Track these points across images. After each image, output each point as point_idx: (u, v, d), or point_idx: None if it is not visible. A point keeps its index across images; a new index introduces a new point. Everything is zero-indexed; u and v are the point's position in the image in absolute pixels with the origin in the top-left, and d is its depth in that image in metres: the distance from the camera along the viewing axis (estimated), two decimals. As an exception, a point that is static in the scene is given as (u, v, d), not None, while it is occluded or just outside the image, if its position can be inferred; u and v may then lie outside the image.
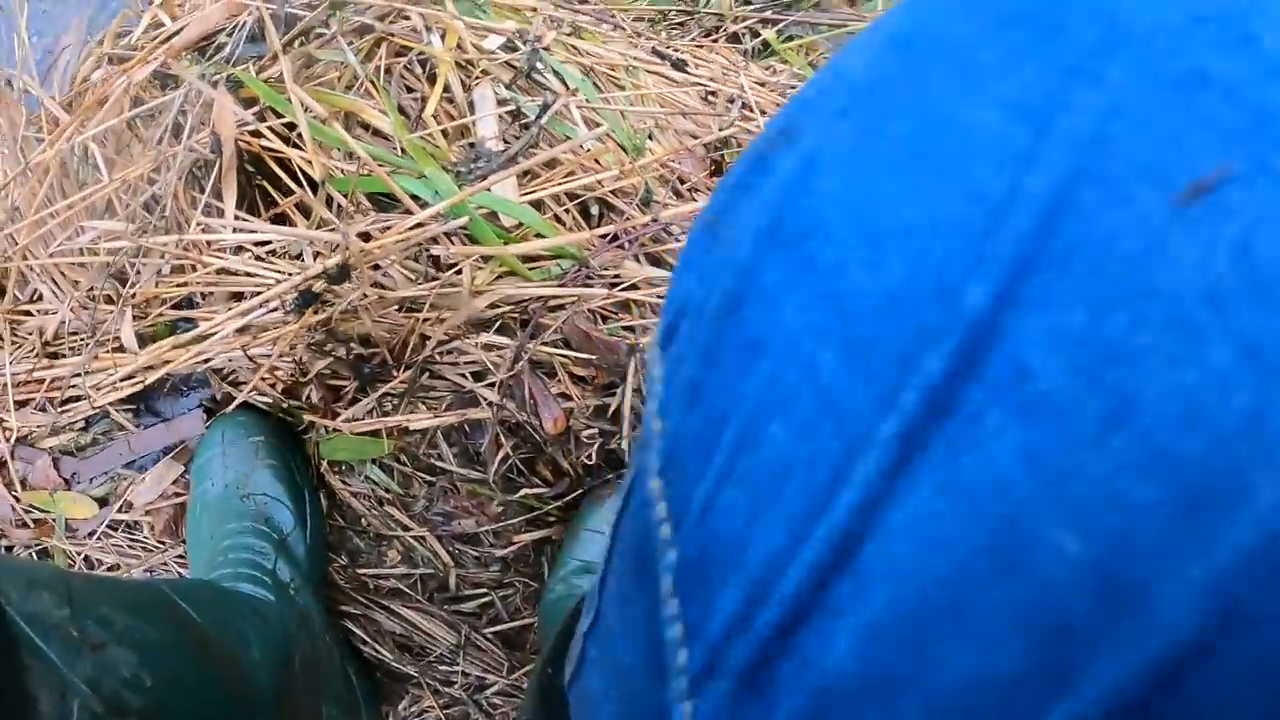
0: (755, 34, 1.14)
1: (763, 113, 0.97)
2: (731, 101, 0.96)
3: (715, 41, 1.10)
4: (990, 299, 0.14)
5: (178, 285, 1.02)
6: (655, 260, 0.89)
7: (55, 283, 1.11)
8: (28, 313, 1.12)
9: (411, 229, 0.79)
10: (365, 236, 0.83)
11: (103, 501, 1.08)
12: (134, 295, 1.04)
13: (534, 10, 0.93)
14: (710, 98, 0.95)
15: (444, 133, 0.86)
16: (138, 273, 1.07)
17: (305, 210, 1.01)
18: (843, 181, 0.17)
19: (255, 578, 0.86)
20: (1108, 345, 0.13)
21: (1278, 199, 0.13)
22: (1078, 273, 0.14)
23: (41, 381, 1.07)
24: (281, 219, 1.02)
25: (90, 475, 1.09)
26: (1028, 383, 0.14)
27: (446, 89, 0.87)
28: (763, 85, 1.01)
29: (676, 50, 0.98)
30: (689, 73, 0.94)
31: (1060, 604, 0.14)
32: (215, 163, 1.00)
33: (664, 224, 0.88)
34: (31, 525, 1.07)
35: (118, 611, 0.59)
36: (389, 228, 0.81)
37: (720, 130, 0.93)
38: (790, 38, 1.15)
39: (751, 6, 1.17)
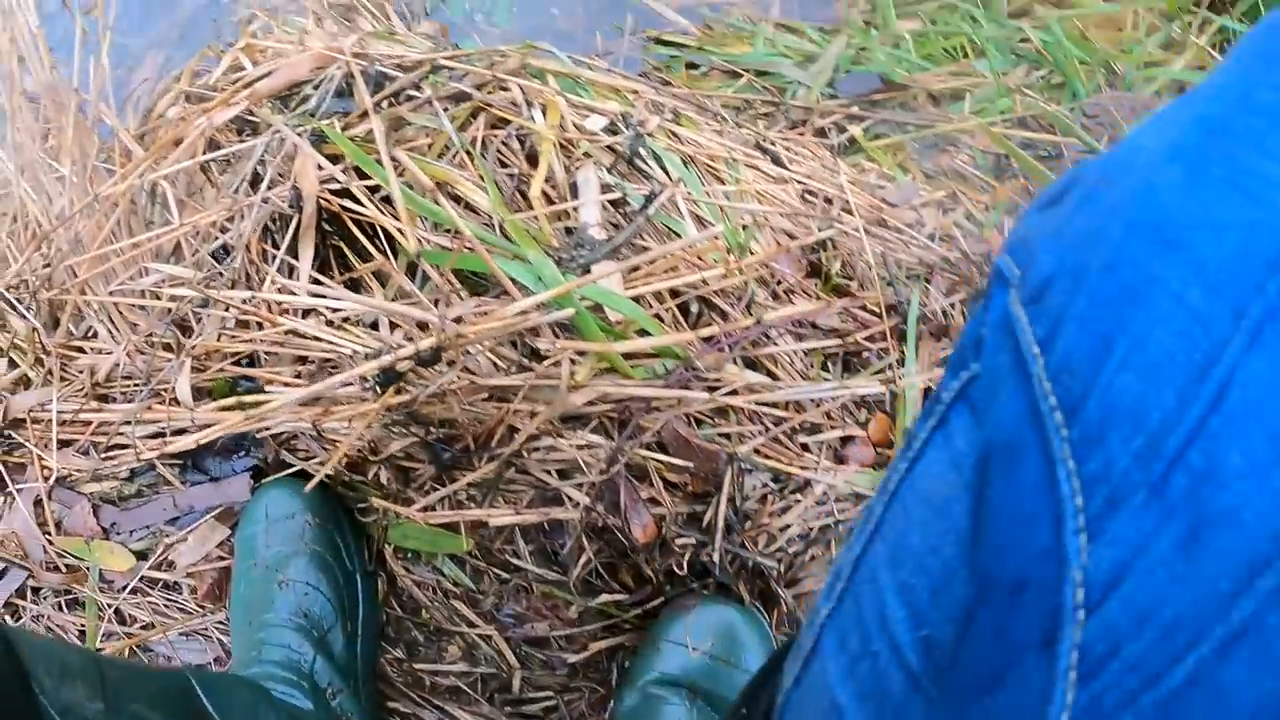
0: (842, 129, 1.13)
1: (860, 215, 0.95)
2: (829, 202, 0.94)
3: (802, 134, 1.09)
4: None
5: (242, 341, 0.99)
6: (752, 364, 0.87)
7: (112, 322, 1.07)
8: (80, 349, 1.09)
9: (514, 317, 0.77)
10: (457, 319, 0.80)
11: (141, 556, 1.04)
12: (194, 347, 1.00)
13: (635, 93, 0.92)
14: (808, 196, 0.94)
15: (544, 200, 0.84)
16: (200, 323, 1.04)
17: (380, 276, 0.98)
18: (1184, 196, 0.26)
19: (291, 680, 0.81)
20: None
21: None
22: None
23: (88, 424, 1.03)
24: (355, 282, 0.99)
25: (130, 527, 1.04)
26: None
27: (549, 169, 0.85)
28: (855, 183, 1.00)
29: (774, 143, 0.96)
30: (788, 169, 0.93)
31: None
32: (292, 218, 0.98)
33: (766, 327, 0.86)
34: (63, 570, 1.02)
35: (150, 710, 0.59)
36: (487, 312, 0.79)
37: (820, 232, 0.91)
38: (877, 136, 1.15)
39: (838, 101, 1.17)
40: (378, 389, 0.84)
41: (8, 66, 1.28)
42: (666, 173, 0.86)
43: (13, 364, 1.08)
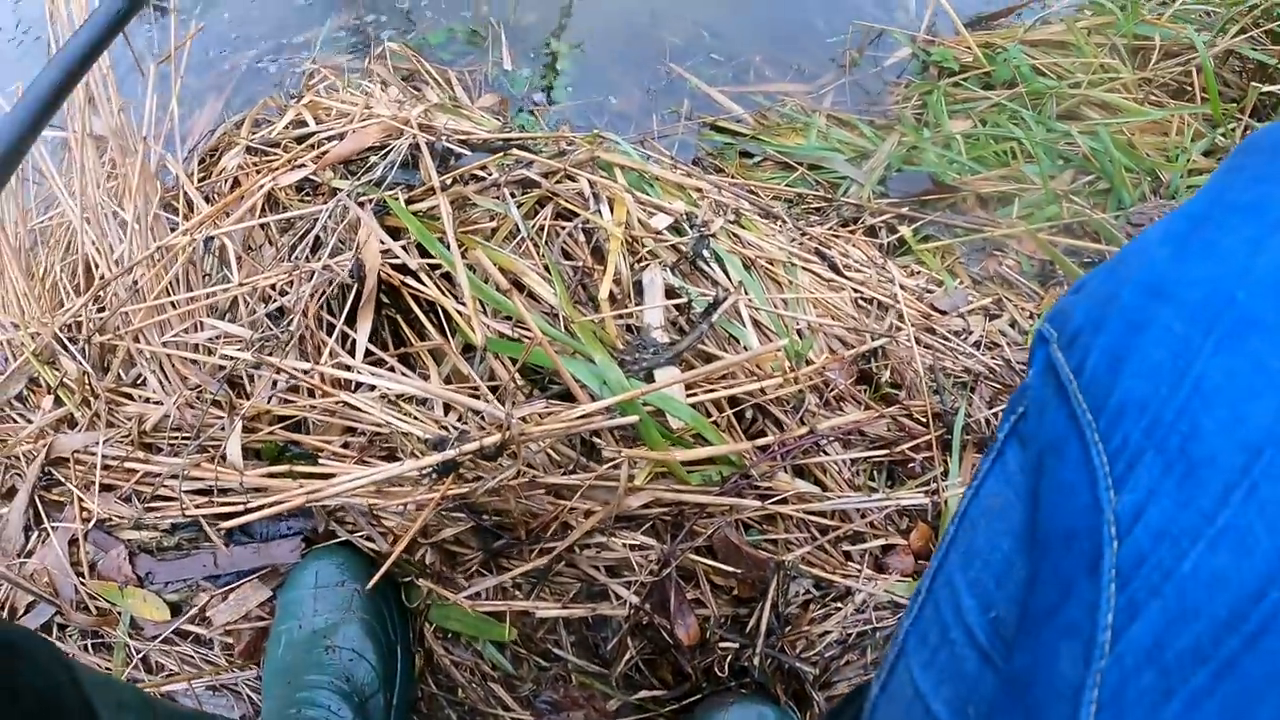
0: (893, 229, 1.15)
1: (911, 323, 0.97)
2: (882, 308, 0.96)
3: (853, 232, 1.11)
4: None
5: (294, 407, 1.00)
6: (802, 472, 0.88)
7: (163, 371, 1.08)
8: (129, 396, 1.09)
9: (578, 419, 0.78)
10: (523, 417, 0.81)
11: (175, 608, 1.04)
12: (246, 408, 1.01)
13: (699, 191, 0.94)
14: (862, 302, 0.95)
15: (612, 300, 0.85)
16: (252, 383, 1.05)
17: (435, 354, 0.99)
18: (1171, 264, 0.38)
19: (329, 740, 0.82)
20: None
21: None
22: None
23: (132, 472, 1.04)
24: (408, 356, 1.00)
25: (167, 579, 1.04)
26: None
27: (616, 268, 0.86)
28: (905, 289, 1.02)
29: (830, 247, 0.98)
30: (844, 275, 0.95)
31: None
32: (352, 287, 0.99)
33: (818, 436, 0.87)
34: (94, 612, 1.03)
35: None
36: (552, 412, 0.80)
37: (873, 340, 0.93)
38: (926, 237, 1.16)
39: (889, 199, 1.19)
40: (435, 475, 0.86)
41: (77, 106, 1.30)
42: (728, 275, 0.88)
43: (59, 402, 1.09)
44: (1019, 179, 1.29)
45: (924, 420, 0.97)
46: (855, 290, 0.96)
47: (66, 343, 1.15)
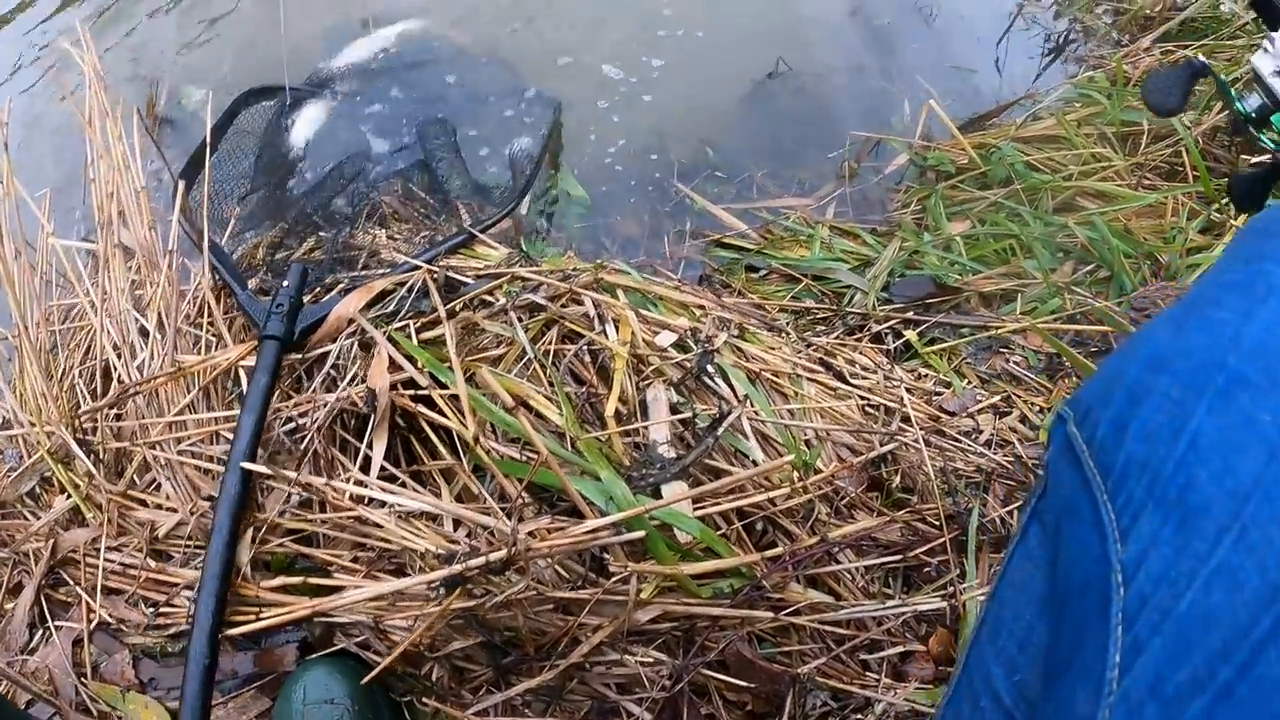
0: (898, 334, 1.17)
1: (919, 427, 0.98)
2: (889, 413, 0.97)
3: (860, 340, 1.13)
4: None
5: (305, 521, 1.01)
6: (815, 582, 0.88)
7: (176, 479, 1.09)
8: (142, 502, 1.10)
9: (585, 535, 0.79)
10: (531, 533, 0.82)
11: (176, 715, 1.03)
12: (258, 519, 1.02)
13: (702, 308, 0.96)
14: (869, 409, 0.96)
15: (618, 420, 0.87)
16: (265, 495, 1.06)
17: (447, 473, 1.00)
18: (1170, 340, 0.44)
19: None
20: None
21: None
22: None
23: (138, 577, 1.03)
24: (420, 474, 1.02)
25: (169, 685, 1.03)
26: None
27: (621, 386, 0.88)
28: (912, 392, 1.03)
29: (833, 354, 1.00)
30: (849, 383, 0.96)
31: None
32: (365, 412, 1.01)
33: (830, 546, 0.87)
34: (94, 715, 1.01)
35: None
36: (559, 528, 0.81)
37: (881, 446, 0.93)
38: (932, 340, 1.18)
39: (893, 305, 1.21)
40: (444, 590, 0.86)
41: (108, 216, 1.34)
42: (733, 389, 0.89)
43: (68, 497, 1.10)
44: (1020, 275, 1.31)
45: (937, 523, 0.97)
46: (862, 398, 0.97)
47: (82, 444, 1.16)
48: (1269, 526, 0.36)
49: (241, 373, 1.11)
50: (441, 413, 0.93)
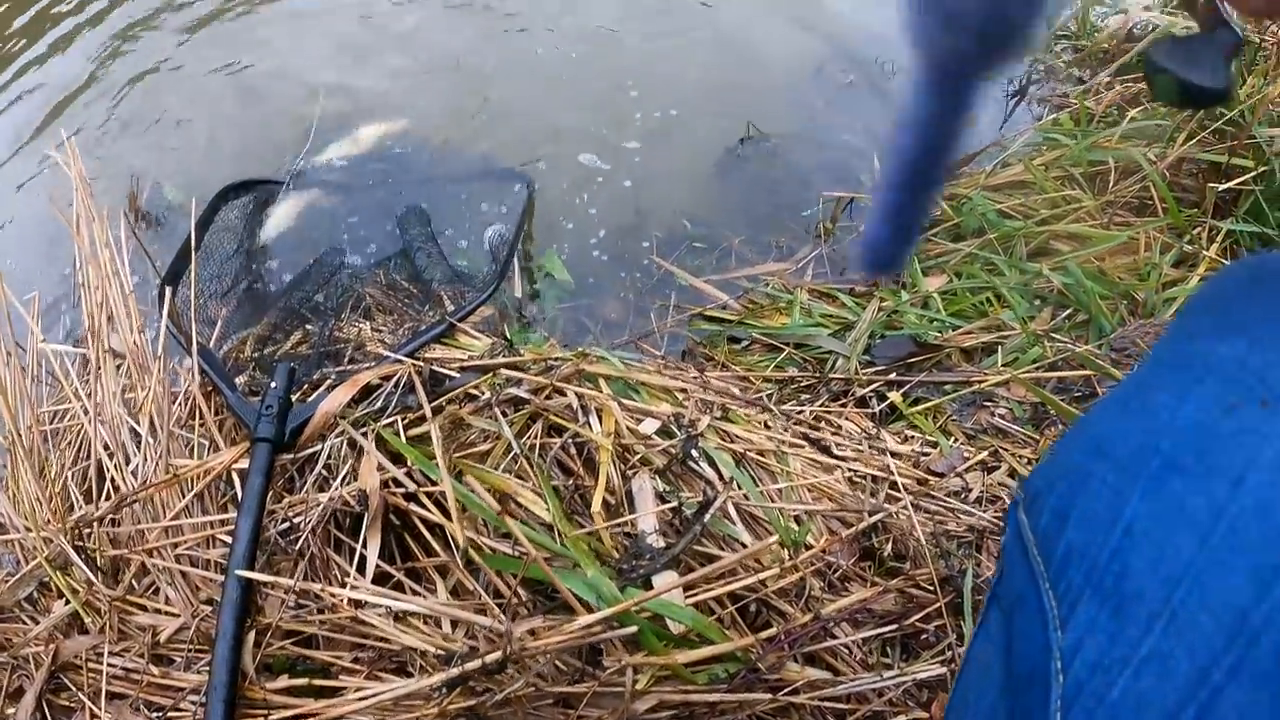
0: (882, 397, 1.18)
1: (907, 492, 0.98)
2: (876, 482, 0.97)
3: (844, 406, 1.14)
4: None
5: (303, 622, 1.01)
6: (812, 659, 0.88)
7: (174, 583, 1.09)
8: (141, 606, 1.10)
9: (578, 631, 0.79)
10: (529, 631, 0.82)
11: (179, 821, 1.01)
12: (260, 622, 1.02)
13: (684, 392, 0.97)
14: (856, 479, 0.97)
15: (603, 515, 0.88)
16: (264, 598, 1.06)
17: (442, 570, 1.01)
18: (1112, 424, 0.46)
19: None
20: None
21: None
22: None
23: (140, 682, 1.03)
24: (416, 571, 1.02)
25: (180, 792, 1.02)
26: None
27: (607, 477, 0.89)
28: (899, 456, 1.04)
29: (819, 424, 1.01)
30: (835, 455, 0.97)
31: None
32: (360, 512, 1.02)
33: (824, 622, 0.87)
34: None
35: None
36: (552, 626, 0.81)
37: (870, 517, 0.94)
38: (916, 400, 1.19)
39: (875, 367, 1.22)
40: (444, 691, 0.86)
41: (97, 322, 1.36)
42: (719, 472, 0.90)
43: (67, 602, 1.10)
44: (999, 326, 1.33)
45: (931, 588, 0.97)
46: (848, 469, 0.98)
47: (80, 551, 1.15)
48: (1198, 612, 0.37)
49: (235, 475, 1.12)
50: (432, 510, 0.93)
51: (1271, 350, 0.43)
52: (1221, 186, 1.49)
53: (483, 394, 1.00)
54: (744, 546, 0.85)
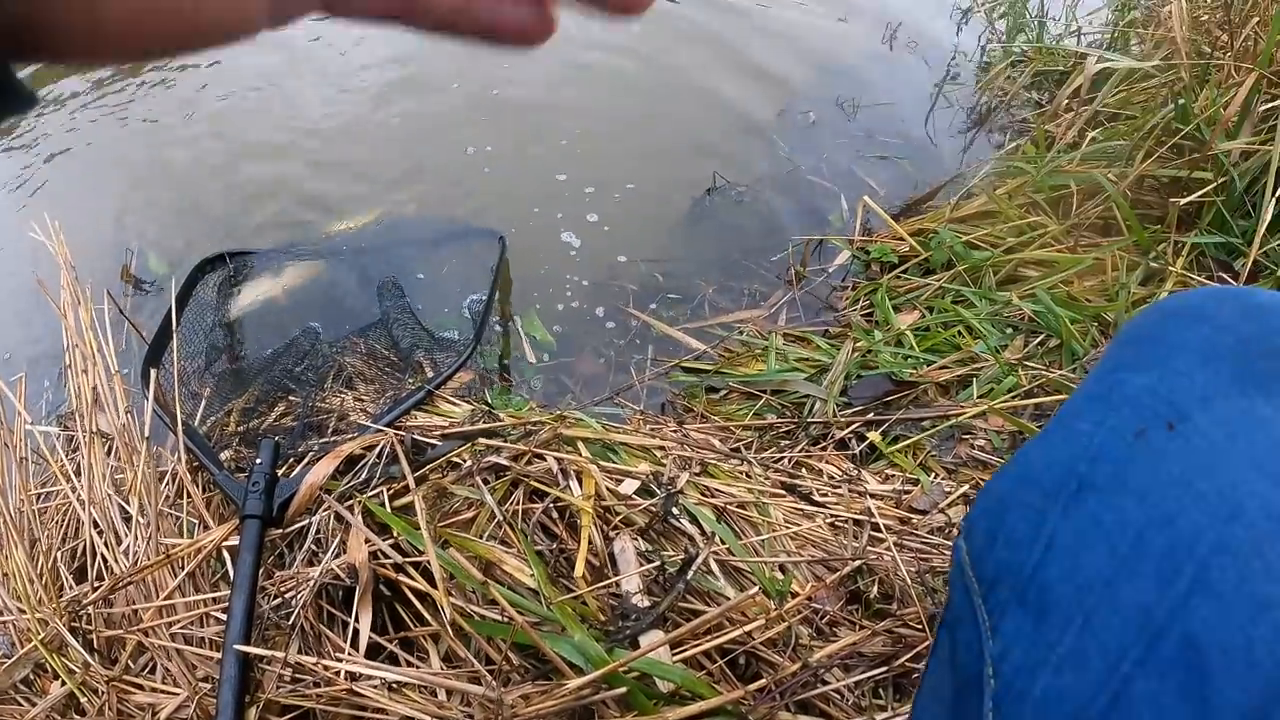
0: (861, 437, 1.19)
1: (890, 533, 0.99)
2: (859, 525, 0.99)
3: (824, 449, 1.15)
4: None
5: (300, 697, 1.01)
6: (805, 706, 0.88)
7: (172, 663, 1.09)
8: (139, 685, 1.09)
9: (569, 695, 0.79)
10: (522, 696, 0.83)
11: None
12: (258, 697, 1.02)
13: (662, 449, 0.99)
14: (838, 524, 0.98)
15: (587, 579, 0.89)
16: (261, 673, 1.06)
17: (435, 637, 1.01)
18: (1037, 454, 0.49)
19: None
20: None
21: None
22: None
23: None
24: (409, 641, 1.03)
25: None
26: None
27: (589, 539, 0.90)
28: (880, 498, 1.05)
29: (800, 469, 1.02)
30: (816, 502, 0.98)
31: None
32: (351, 585, 1.02)
33: (814, 669, 0.88)
34: None
35: None
36: (543, 691, 0.81)
37: (854, 561, 0.95)
38: (895, 438, 1.20)
39: (853, 409, 1.23)
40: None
41: (85, 404, 1.37)
42: (701, 527, 0.91)
43: (64, 684, 1.09)
44: (973, 359, 1.35)
45: (920, 627, 0.98)
46: (830, 514, 0.99)
47: (75, 632, 1.15)
48: (1109, 613, 0.41)
49: (225, 553, 1.12)
50: (420, 580, 0.94)
51: (1179, 378, 0.48)
52: (1183, 201, 1.50)
53: (465, 461, 1.01)
54: (728, 600, 0.86)
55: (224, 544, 1.13)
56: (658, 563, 0.87)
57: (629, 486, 0.93)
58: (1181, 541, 0.40)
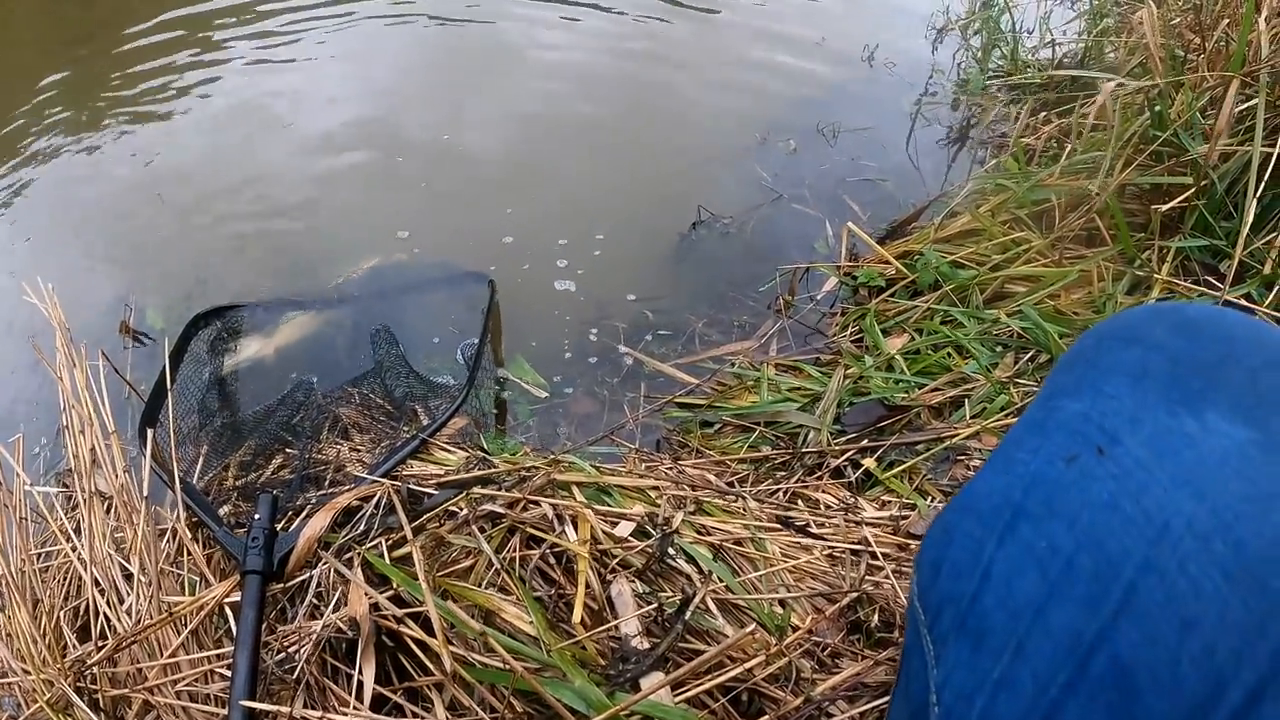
0: (856, 465, 1.20)
1: (889, 560, 0.99)
2: (856, 555, 0.99)
3: (820, 479, 1.16)
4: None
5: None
6: (810, 744, 0.88)
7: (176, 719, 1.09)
8: None
9: (574, 747, 0.79)
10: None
11: None
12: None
13: (655, 489, 0.99)
14: (835, 555, 0.98)
15: (586, 624, 0.89)
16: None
17: (439, 686, 1.01)
18: (982, 484, 0.52)
19: None
20: None
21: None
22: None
23: None
24: (415, 690, 1.03)
25: None
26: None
27: (587, 583, 0.90)
28: (877, 526, 1.05)
29: (795, 500, 1.02)
30: (811, 533, 0.98)
31: None
32: (352, 638, 1.02)
33: (817, 703, 0.88)
34: None
35: None
36: (549, 742, 0.81)
37: (852, 590, 0.95)
38: (891, 464, 1.21)
39: (847, 436, 1.24)
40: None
41: (83, 465, 1.37)
42: (698, 566, 0.91)
43: None
44: (964, 379, 1.35)
45: (923, 654, 0.98)
46: (827, 544, 0.99)
47: (81, 693, 1.14)
48: (1040, 639, 0.42)
49: (228, 609, 1.12)
50: (419, 632, 0.94)
51: (1109, 401, 0.49)
52: (1165, 206, 1.50)
53: (461, 509, 1.01)
54: (727, 638, 0.86)
55: (226, 600, 1.13)
56: (656, 604, 0.87)
57: (624, 529, 0.94)
58: (1109, 564, 0.41)
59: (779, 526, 0.98)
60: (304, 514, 1.17)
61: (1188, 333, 0.50)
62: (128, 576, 1.23)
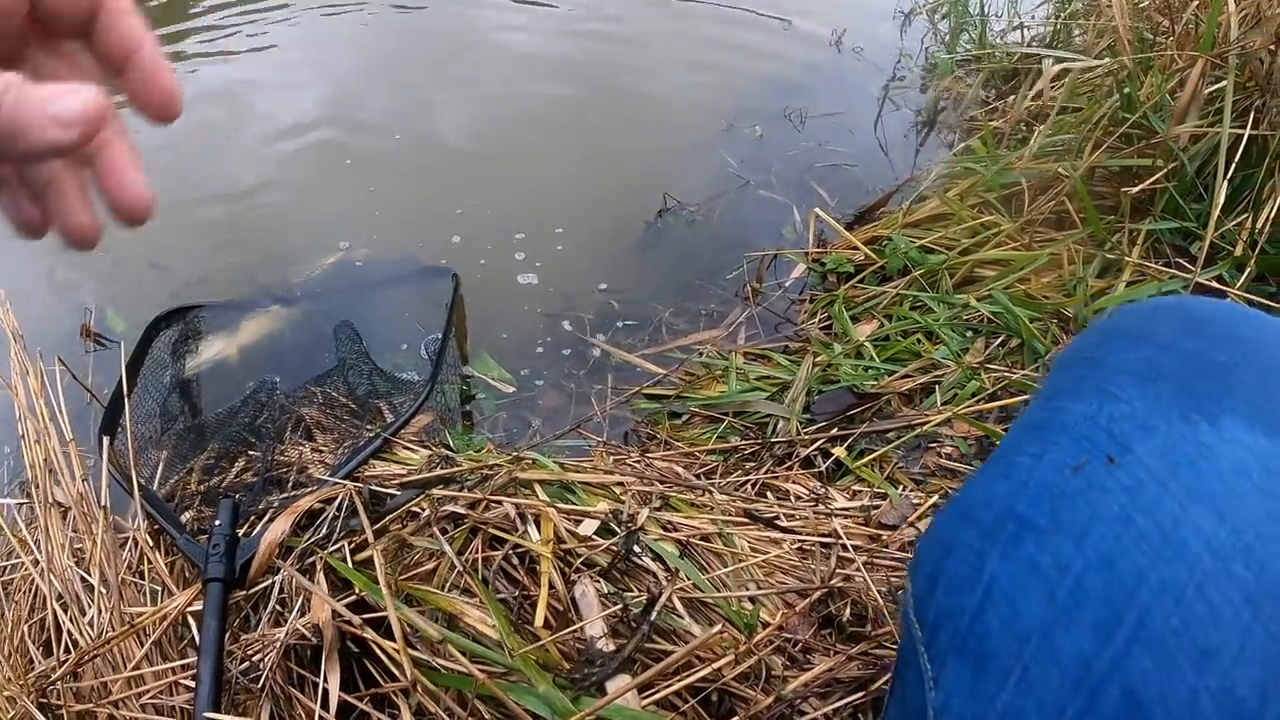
0: (826, 454, 1.18)
1: (860, 553, 0.98)
2: (826, 548, 0.97)
3: (790, 469, 1.14)
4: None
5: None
6: (783, 742, 0.86)
7: None
8: None
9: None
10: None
11: None
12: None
13: (621, 485, 0.97)
14: (805, 548, 0.97)
15: (551, 625, 0.87)
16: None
17: (406, 692, 0.99)
18: (978, 489, 0.48)
19: None
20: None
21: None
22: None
23: None
24: (382, 696, 1.01)
25: None
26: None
27: (551, 584, 0.88)
28: (848, 516, 1.04)
29: (761, 496, 1.01)
30: (781, 527, 0.97)
31: None
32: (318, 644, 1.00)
33: (789, 701, 0.86)
34: None
35: None
36: (516, 750, 0.80)
37: (823, 584, 0.94)
38: (861, 452, 1.19)
39: (816, 425, 1.22)
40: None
41: (40, 476, 1.34)
42: (665, 563, 0.90)
43: None
44: (934, 365, 1.34)
45: (895, 646, 0.97)
46: (796, 538, 0.98)
47: (45, 709, 1.12)
48: (1047, 665, 0.39)
49: (190, 619, 1.10)
50: (381, 638, 0.92)
51: (1117, 404, 0.45)
52: (1135, 189, 1.50)
53: (424, 510, 0.99)
54: (695, 638, 0.84)
55: (188, 610, 1.11)
56: (621, 604, 0.86)
57: (588, 527, 0.92)
58: (1122, 585, 0.38)
59: (748, 520, 0.97)
60: (267, 518, 1.15)
61: (1199, 331, 0.47)
62: (89, 588, 1.21)
